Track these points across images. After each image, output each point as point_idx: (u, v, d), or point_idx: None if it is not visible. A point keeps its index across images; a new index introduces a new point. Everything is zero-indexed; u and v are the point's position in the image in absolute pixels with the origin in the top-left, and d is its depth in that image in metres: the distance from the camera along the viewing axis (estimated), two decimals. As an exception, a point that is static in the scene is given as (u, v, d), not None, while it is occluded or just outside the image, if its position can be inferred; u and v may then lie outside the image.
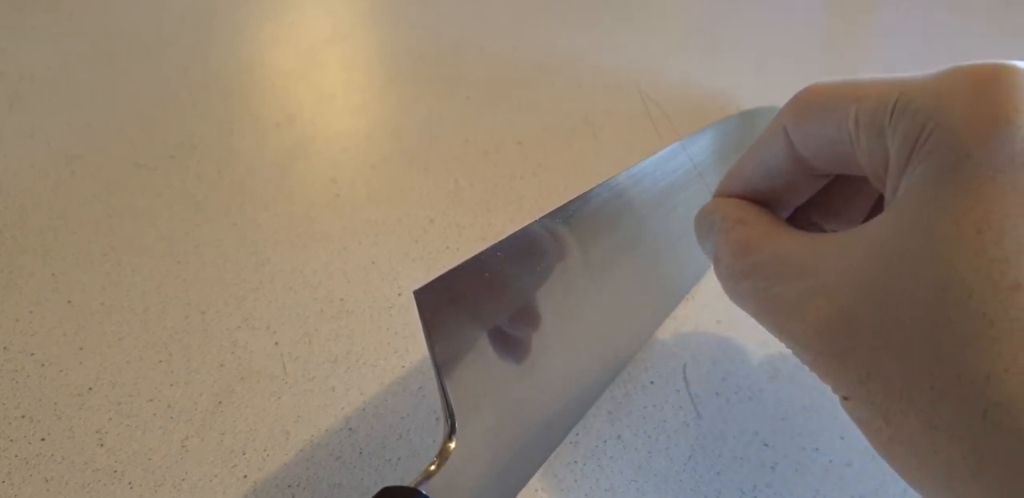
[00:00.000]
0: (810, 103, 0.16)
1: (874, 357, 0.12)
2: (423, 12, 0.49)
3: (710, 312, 0.26)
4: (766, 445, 0.21)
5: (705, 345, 0.24)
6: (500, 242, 0.18)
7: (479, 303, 0.18)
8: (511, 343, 0.19)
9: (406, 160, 0.33)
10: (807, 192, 0.18)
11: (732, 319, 0.25)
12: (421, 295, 0.16)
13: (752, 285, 0.16)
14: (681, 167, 0.25)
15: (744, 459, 0.21)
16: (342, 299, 0.26)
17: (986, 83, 0.12)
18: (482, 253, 0.18)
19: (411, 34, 0.46)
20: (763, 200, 0.18)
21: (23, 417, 0.21)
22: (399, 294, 0.26)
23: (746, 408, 0.22)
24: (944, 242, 0.11)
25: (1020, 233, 0.11)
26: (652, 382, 0.23)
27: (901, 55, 0.46)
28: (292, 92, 0.39)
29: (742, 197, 0.18)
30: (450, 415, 0.17)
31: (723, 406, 0.22)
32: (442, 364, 0.16)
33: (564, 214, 0.20)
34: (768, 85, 0.41)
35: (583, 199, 0.21)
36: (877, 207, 0.18)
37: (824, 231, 0.19)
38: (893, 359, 0.12)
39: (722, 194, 0.19)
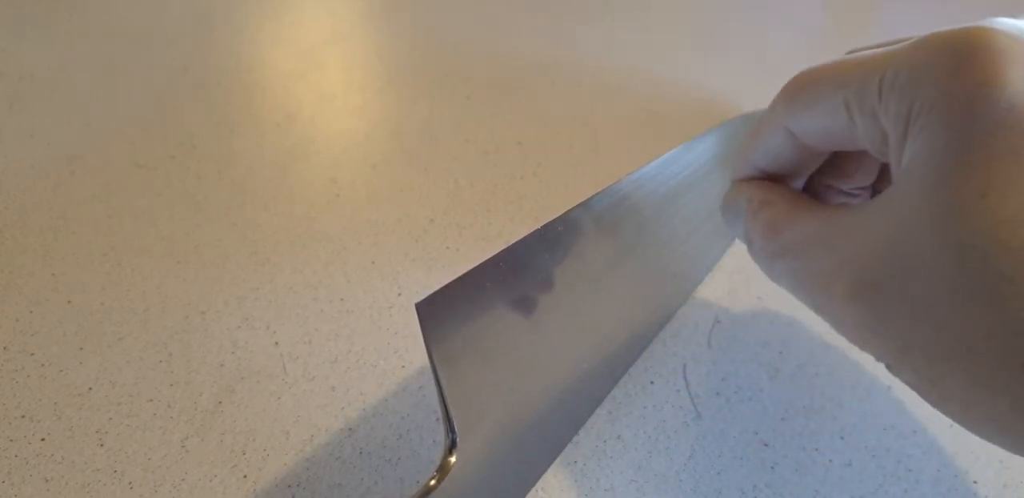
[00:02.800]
0: (799, 96, 0.16)
1: (908, 327, 0.13)
2: (423, 12, 0.49)
3: (710, 312, 0.26)
4: (766, 445, 0.21)
5: (705, 345, 0.24)
6: (502, 252, 0.18)
7: (481, 314, 0.17)
8: (513, 354, 0.19)
9: (406, 160, 0.33)
10: (816, 165, 0.18)
11: (732, 319, 0.25)
12: (423, 308, 0.15)
13: (785, 265, 0.16)
14: (684, 170, 0.25)
15: (744, 459, 0.21)
16: (342, 299, 0.26)
17: (960, 50, 0.13)
18: (483, 264, 0.17)
19: (411, 34, 0.46)
20: (776, 177, 0.19)
21: (23, 417, 0.21)
22: (399, 294, 0.26)
23: (746, 408, 0.22)
24: (952, 212, 0.12)
25: (1021, 191, 0.11)
26: (652, 382, 0.23)
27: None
28: (292, 92, 0.39)
29: (758, 177, 0.19)
30: (451, 429, 0.16)
31: (723, 406, 0.22)
32: (444, 376, 0.16)
33: (566, 221, 0.20)
34: (769, 85, 0.41)
35: (585, 205, 0.20)
36: (886, 167, 0.19)
37: (840, 191, 0.19)
38: (927, 328, 0.12)
39: (739, 178, 0.20)
